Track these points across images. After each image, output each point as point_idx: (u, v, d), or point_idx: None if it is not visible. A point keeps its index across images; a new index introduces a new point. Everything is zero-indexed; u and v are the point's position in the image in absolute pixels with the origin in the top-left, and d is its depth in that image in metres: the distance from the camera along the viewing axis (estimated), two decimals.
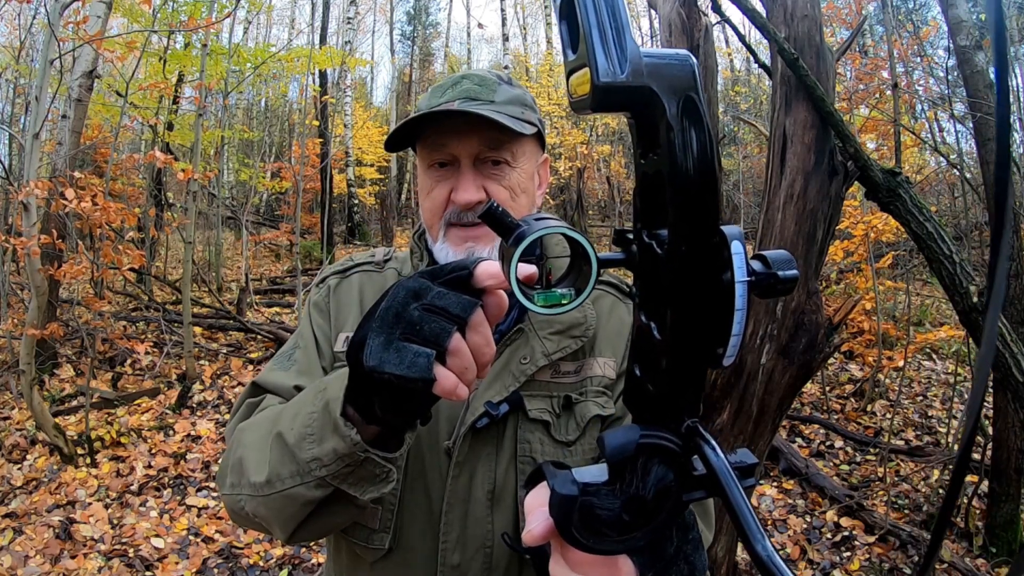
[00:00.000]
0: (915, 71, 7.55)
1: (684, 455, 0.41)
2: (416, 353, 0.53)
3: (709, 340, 0.41)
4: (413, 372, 0.52)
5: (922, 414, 5.06)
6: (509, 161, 0.91)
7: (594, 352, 0.94)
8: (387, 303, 0.56)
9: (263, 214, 15.11)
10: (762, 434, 2.32)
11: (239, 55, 8.92)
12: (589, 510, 0.40)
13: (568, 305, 0.45)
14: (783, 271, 0.42)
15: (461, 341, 0.54)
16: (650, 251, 0.42)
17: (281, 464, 0.71)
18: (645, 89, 0.37)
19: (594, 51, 0.37)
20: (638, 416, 0.44)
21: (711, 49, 2.81)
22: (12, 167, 7.82)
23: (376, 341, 0.54)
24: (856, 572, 3.28)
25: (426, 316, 0.53)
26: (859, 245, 5.29)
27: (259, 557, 3.41)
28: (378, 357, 0.53)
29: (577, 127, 14.01)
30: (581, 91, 0.39)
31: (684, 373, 0.41)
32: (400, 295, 0.55)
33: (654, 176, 0.40)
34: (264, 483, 0.73)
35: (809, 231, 2.29)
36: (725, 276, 0.39)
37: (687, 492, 0.41)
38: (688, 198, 0.39)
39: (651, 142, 0.40)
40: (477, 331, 0.55)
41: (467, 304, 0.54)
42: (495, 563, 0.87)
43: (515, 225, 0.46)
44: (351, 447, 0.65)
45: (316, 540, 0.82)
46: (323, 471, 0.68)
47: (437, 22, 24.07)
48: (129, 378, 5.57)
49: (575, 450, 0.90)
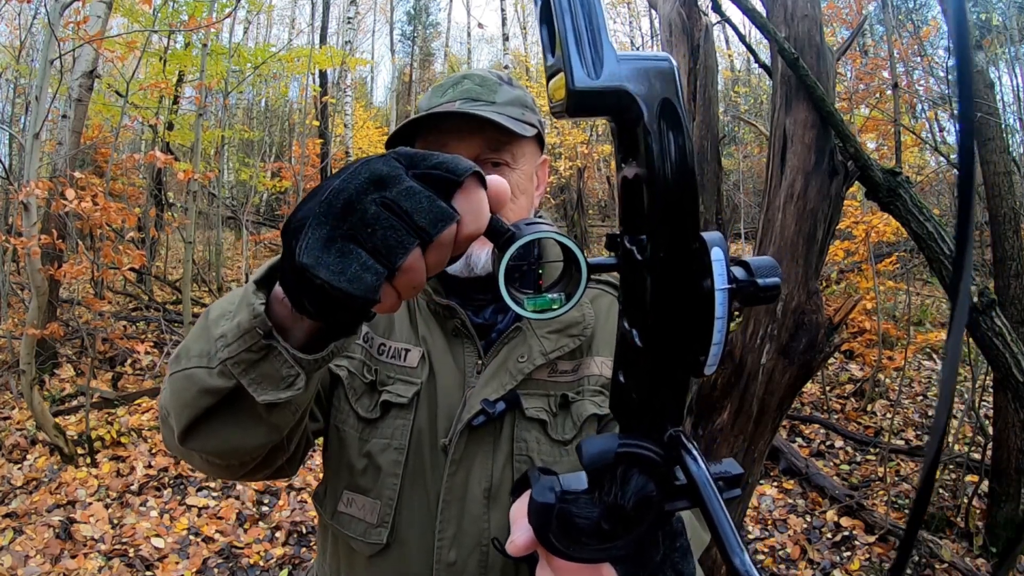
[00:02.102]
0: (915, 71, 7.56)
1: (665, 465, 0.41)
2: (363, 266, 0.42)
3: (690, 348, 0.40)
4: (355, 289, 0.42)
5: (922, 414, 5.06)
6: (509, 163, 0.91)
7: (592, 351, 0.94)
8: (341, 182, 0.43)
9: (263, 214, 15.11)
10: (762, 434, 2.32)
11: (239, 55, 8.92)
12: (567, 518, 0.40)
13: (558, 310, 0.45)
14: (764, 279, 0.40)
15: (419, 259, 0.44)
16: (630, 256, 0.41)
17: (194, 340, 0.65)
18: (621, 92, 0.37)
19: (569, 55, 0.36)
20: (623, 423, 0.44)
21: (711, 49, 2.81)
22: (12, 167, 7.82)
23: (315, 234, 0.42)
24: (856, 572, 3.28)
25: (385, 218, 0.42)
26: (860, 245, 5.30)
27: (259, 557, 3.41)
28: (314, 256, 0.42)
29: (577, 127, 14.01)
30: (558, 96, 0.38)
31: (665, 381, 0.41)
32: (361, 176, 0.43)
33: (633, 181, 0.40)
34: (173, 359, 0.66)
35: (809, 231, 2.29)
36: (705, 283, 0.39)
37: (670, 502, 0.41)
38: (666, 203, 0.38)
39: (630, 147, 0.40)
40: (439, 250, 0.44)
41: (440, 214, 0.43)
42: (491, 561, 0.87)
43: (506, 230, 0.46)
44: (251, 319, 0.56)
45: (212, 454, 0.70)
46: (225, 351, 0.59)
47: (437, 22, 24.08)
48: (129, 378, 5.57)
49: (571, 449, 0.90)
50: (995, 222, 3.57)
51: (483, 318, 0.96)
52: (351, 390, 0.91)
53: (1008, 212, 3.52)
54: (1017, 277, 3.43)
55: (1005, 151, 3.70)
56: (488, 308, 0.96)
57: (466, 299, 0.95)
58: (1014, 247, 3.47)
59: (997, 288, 3.42)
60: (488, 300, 0.96)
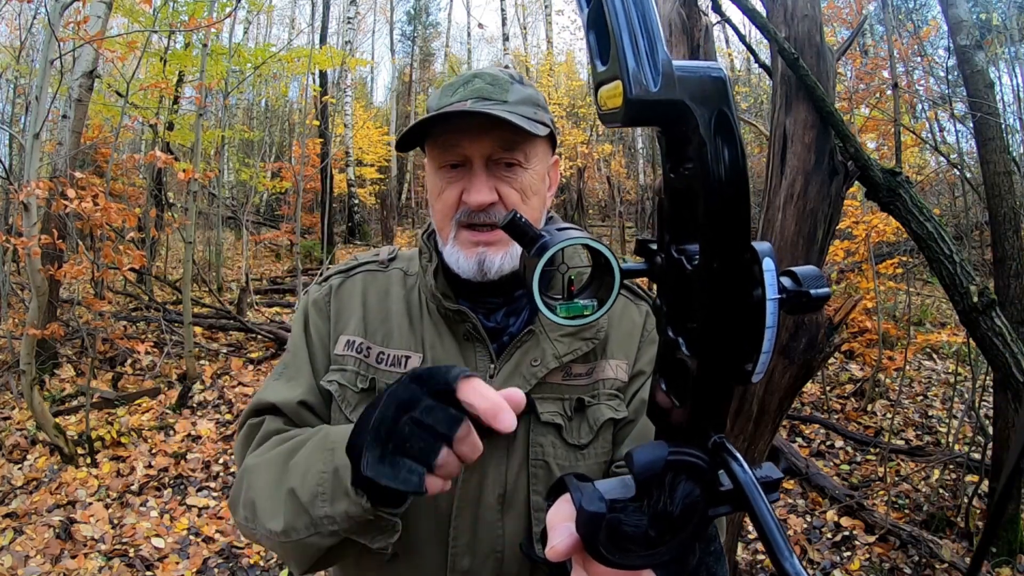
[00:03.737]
0: (915, 71, 7.56)
1: (711, 471, 0.41)
2: (409, 470, 0.60)
3: (738, 357, 0.41)
4: (407, 487, 0.60)
5: (922, 414, 5.06)
6: (522, 162, 0.89)
7: (606, 354, 0.93)
8: (380, 413, 0.61)
9: (263, 214, 15.11)
10: (762, 434, 2.32)
11: (239, 55, 8.92)
12: (616, 527, 0.40)
13: (590, 316, 0.45)
14: (815, 289, 0.42)
15: (449, 455, 0.61)
16: (678, 266, 0.42)
17: (296, 518, 0.75)
18: (678, 103, 0.37)
19: (626, 63, 0.36)
20: (664, 431, 0.45)
21: (711, 49, 2.81)
22: (12, 167, 7.82)
23: (372, 455, 0.60)
24: (856, 572, 3.28)
25: (416, 433, 0.60)
26: (860, 245, 5.30)
27: (259, 557, 3.42)
28: (374, 470, 0.60)
29: (578, 127, 14.02)
30: (612, 104, 0.38)
31: (712, 389, 0.42)
32: (391, 408, 0.61)
33: (684, 191, 0.40)
34: (280, 532, 0.76)
35: (809, 231, 2.29)
36: (756, 293, 0.39)
37: (713, 507, 0.41)
38: (721, 215, 0.38)
39: (681, 156, 0.40)
40: (463, 443, 0.61)
41: (452, 421, 0.60)
42: (506, 568, 0.86)
43: (538, 235, 0.46)
44: (362, 512, 0.69)
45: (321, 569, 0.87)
46: (335, 526, 0.72)
47: (437, 22, 24.08)
48: (129, 378, 5.57)
49: (588, 453, 0.89)
50: (995, 222, 3.57)
51: (494, 322, 0.94)
52: (344, 402, 0.90)
53: (1008, 212, 3.52)
54: (1017, 277, 3.43)
55: (1005, 151, 3.69)
56: (499, 311, 0.95)
57: (477, 303, 0.94)
58: (1014, 247, 3.47)
59: (997, 288, 3.42)
60: (499, 304, 0.95)
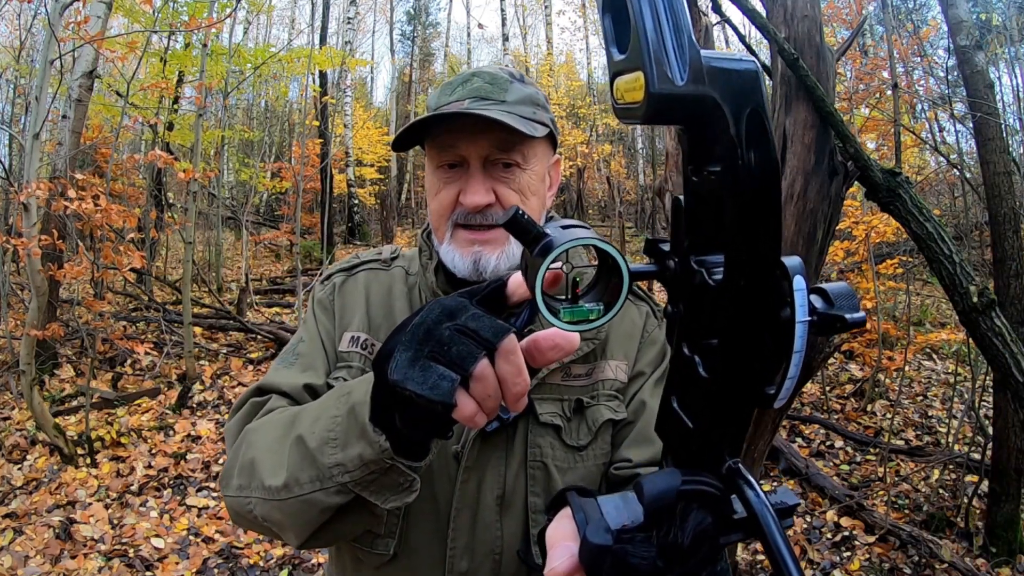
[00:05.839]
0: (915, 71, 7.56)
1: (724, 498, 0.39)
2: (440, 375, 0.51)
3: (760, 379, 0.37)
4: (435, 394, 0.50)
5: (922, 414, 5.06)
6: (520, 163, 0.88)
7: (606, 355, 0.92)
8: (420, 318, 0.53)
9: (263, 214, 15.11)
10: (762, 434, 2.32)
11: (239, 55, 8.92)
12: (623, 559, 0.38)
13: (596, 321, 0.42)
14: (850, 313, 0.36)
15: (488, 367, 0.52)
16: (698, 280, 0.37)
17: (300, 468, 0.69)
18: (707, 99, 0.32)
19: (649, 53, 0.31)
20: (674, 450, 0.42)
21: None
22: (12, 167, 7.82)
23: (403, 356, 0.52)
24: (856, 572, 3.28)
25: (456, 337, 0.51)
26: (860, 245, 5.30)
27: (259, 557, 3.41)
28: (402, 372, 0.51)
29: (578, 127, 14.02)
30: (630, 98, 0.33)
31: (729, 412, 0.38)
32: (435, 311, 0.53)
33: (708, 196, 0.36)
34: (281, 487, 0.71)
35: (809, 231, 2.29)
36: (784, 313, 0.35)
37: (725, 535, 0.39)
38: (750, 227, 0.34)
39: (707, 157, 0.35)
40: (507, 359, 0.52)
41: (499, 329, 0.51)
42: (504, 570, 0.86)
43: (542, 234, 0.42)
44: (379, 454, 0.63)
45: (326, 547, 0.82)
46: (346, 477, 0.66)
47: (437, 22, 24.08)
48: (129, 378, 5.57)
49: (586, 455, 0.88)
50: (995, 222, 3.57)
51: None
52: None
53: (1008, 212, 3.52)
54: (1017, 277, 3.43)
55: (1005, 151, 3.69)
56: None
57: None
58: (1014, 247, 3.47)
59: (997, 288, 3.42)
60: None
